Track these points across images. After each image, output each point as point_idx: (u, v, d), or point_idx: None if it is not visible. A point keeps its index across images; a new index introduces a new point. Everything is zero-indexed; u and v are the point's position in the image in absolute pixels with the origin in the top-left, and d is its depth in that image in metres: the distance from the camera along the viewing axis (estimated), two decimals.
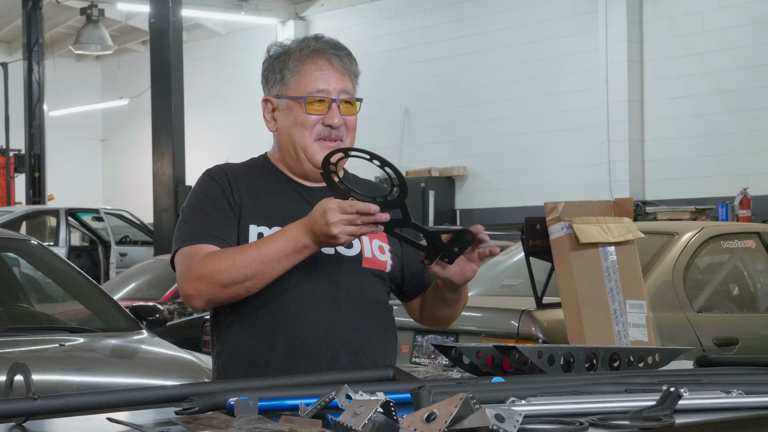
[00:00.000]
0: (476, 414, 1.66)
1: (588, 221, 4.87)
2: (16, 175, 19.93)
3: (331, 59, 2.66)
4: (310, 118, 2.65)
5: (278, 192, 2.69)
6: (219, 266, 2.51)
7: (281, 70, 2.67)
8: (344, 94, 2.67)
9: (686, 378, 2.16)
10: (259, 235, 2.60)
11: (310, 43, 2.67)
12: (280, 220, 2.61)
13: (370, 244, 2.69)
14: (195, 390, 2.09)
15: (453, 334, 5.89)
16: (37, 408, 1.96)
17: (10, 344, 4.67)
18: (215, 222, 2.62)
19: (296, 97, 2.64)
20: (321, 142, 2.65)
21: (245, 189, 2.67)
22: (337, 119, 2.65)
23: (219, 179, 2.68)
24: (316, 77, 2.65)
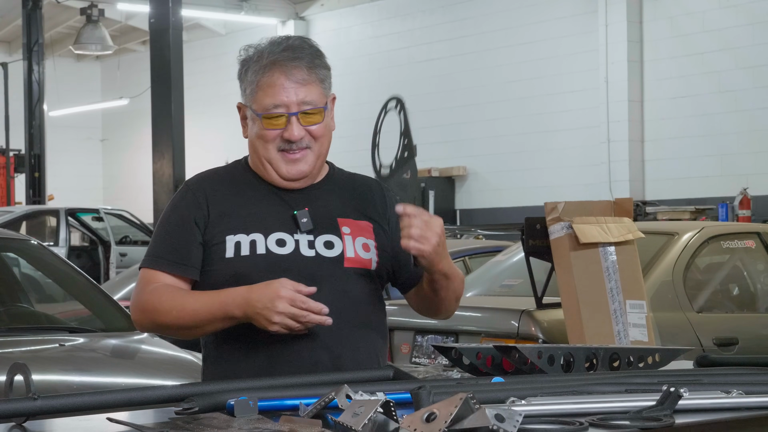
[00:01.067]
0: (476, 414, 1.66)
1: (588, 221, 4.87)
2: (16, 175, 19.93)
3: (288, 71, 2.59)
4: (269, 133, 2.61)
5: (257, 197, 2.67)
6: (159, 308, 2.57)
7: (243, 80, 2.66)
8: (304, 105, 2.60)
9: (686, 378, 2.16)
10: (236, 244, 2.59)
11: (267, 53, 2.62)
12: (259, 227, 2.61)
13: (353, 243, 2.65)
14: (195, 390, 2.09)
15: (453, 334, 5.89)
16: (37, 408, 1.96)
17: (10, 344, 4.67)
18: (177, 245, 2.63)
19: (255, 112, 2.62)
20: (283, 155, 2.62)
21: (224, 199, 2.66)
22: (296, 133, 2.60)
23: (195, 194, 2.67)
24: (272, 92, 2.59)
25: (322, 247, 2.62)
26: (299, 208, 2.64)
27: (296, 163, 2.63)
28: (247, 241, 2.60)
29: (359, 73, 19.58)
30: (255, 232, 2.61)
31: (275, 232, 2.62)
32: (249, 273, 2.57)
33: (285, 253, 2.60)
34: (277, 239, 2.61)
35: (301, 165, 2.63)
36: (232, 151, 2.85)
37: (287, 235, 2.62)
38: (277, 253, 2.59)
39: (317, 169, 2.68)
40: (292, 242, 2.61)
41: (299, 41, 2.66)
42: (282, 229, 2.62)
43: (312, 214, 2.64)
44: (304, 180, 2.66)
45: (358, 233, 2.66)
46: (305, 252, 2.60)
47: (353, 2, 19.87)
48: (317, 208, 2.66)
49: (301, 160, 2.63)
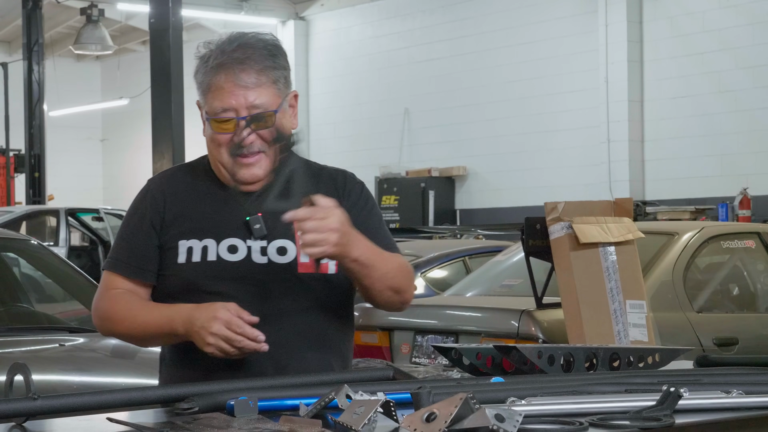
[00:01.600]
0: (476, 414, 1.66)
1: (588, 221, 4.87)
2: (16, 175, 19.92)
3: (235, 75, 2.50)
4: (219, 137, 2.53)
5: (213, 200, 2.61)
6: (114, 316, 2.56)
7: (195, 79, 2.58)
8: (254, 109, 2.51)
9: (686, 378, 2.16)
10: (188, 250, 2.55)
11: (217, 54, 2.53)
12: (212, 233, 2.56)
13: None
14: (195, 390, 2.09)
15: (453, 334, 5.89)
16: (37, 408, 1.96)
17: (10, 344, 4.67)
18: (135, 248, 2.60)
19: (205, 116, 2.55)
20: (237, 159, 2.53)
21: (181, 200, 2.62)
22: (245, 138, 2.51)
23: (154, 194, 2.64)
24: (220, 96, 2.51)
25: (275, 254, 2.54)
26: (254, 212, 2.56)
27: (250, 167, 2.54)
28: (199, 246, 2.55)
29: (359, 73, 19.58)
30: (208, 237, 2.55)
31: (227, 237, 2.55)
32: (198, 280, 2.53)
33: (236, 260, 2.53)
34: (229, 245, 2.54)
35: (255, 169, 2.54)
36: None
37: (240, 242, 2.55)
38: (227, 260, 2.53)
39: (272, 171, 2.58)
40: (245, 249, 2.54)
41: (254, 39, 2.56)
42: (235, 234, 2.55)
43: (267, 218, 2.55)
44: (260, 182, 2.57)
45: None
46: (257, 259, 2.53)
47: (353, 2, 19.87)
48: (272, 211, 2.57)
49: (255, 164, 2.54)
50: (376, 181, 18.56)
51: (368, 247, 2.48)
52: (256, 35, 2.58)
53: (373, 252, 2.50)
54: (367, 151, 19.09)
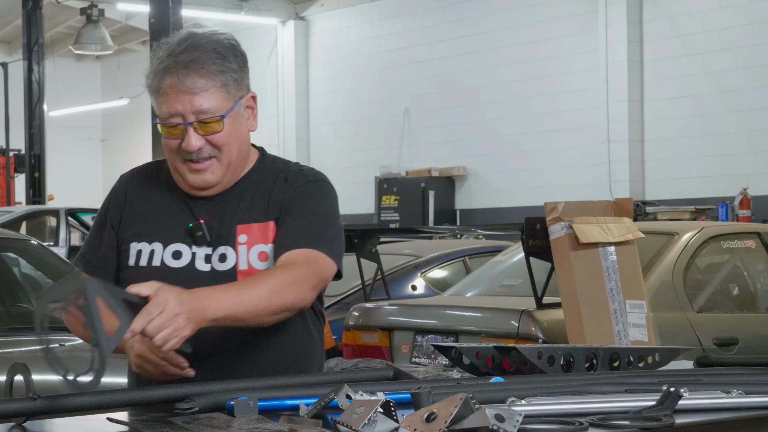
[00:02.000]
0: (476, 414, 1.66)
1: (588, 221, 4.87)
2: (16, 175, 19.91)
3: (181, 80, 2.42)
4: (170, 142, 2.48)
5: (166, 203, 2.57)
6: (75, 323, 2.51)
7: (146, 82, 2.50)
8: (201, 114, 2.43)
9: (686, 378, 2.16)
10: (138, 253, 2.53)
11: (164, 57, 2.46)
12: (161, 236, 2.54)
13: (247, 254, 2.50)
14: (195, 390, 2.09)
15: (453, 334, 5.89)
16: (37, 408, 1.96)
17: (10, 344, 4.67)
18: (96, 247, 2.61)
19: (155, 121, 2.49)
20: (189, 165, 2.48)
21: (140, 200, 2.59)
22: (192, 143, 2.44)
23: (117, 192, 2.62)
24: (167, 100, 2.44)
25: (217, 261, 2.50)
26: (204, 217, 2.52)
27: (201, 173, 2.48)
28: (148, 250, 2.53)
29: (359, 73, 19.58)
30: (156, 241, 2.53)
31: (174, 242, 2.52)
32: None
33: (179, 266, 2.51)
34: (174, 251, 2.52)
35: (207, 175, 2.49)
36: None
37: (185, 247, 2.52)
38: (170, 266, 2.51)
39: (228, 177, 2.52)
40: (189, 255, 2.51)
41: (205, 41, 2.48)
42: (181, 240, 2.52)
43: (213, 224, 2.51)
44: (214, 188, 2.52)
45: (257, 240, 2.50)
46: (200, 266, 2.50)
47: (353, 2, 19.86)
48: (221, 216, 2.52)
49: (206, 170, 2.48)
50: (376, 181, 18.55)
51: (222, 298, 2.28)
52: (210, 35, 2.50)
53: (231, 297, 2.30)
54: (367, 151, 19.09)
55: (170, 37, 2.52)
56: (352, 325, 6.33)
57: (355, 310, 6.43)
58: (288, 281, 2.38)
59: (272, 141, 20.53)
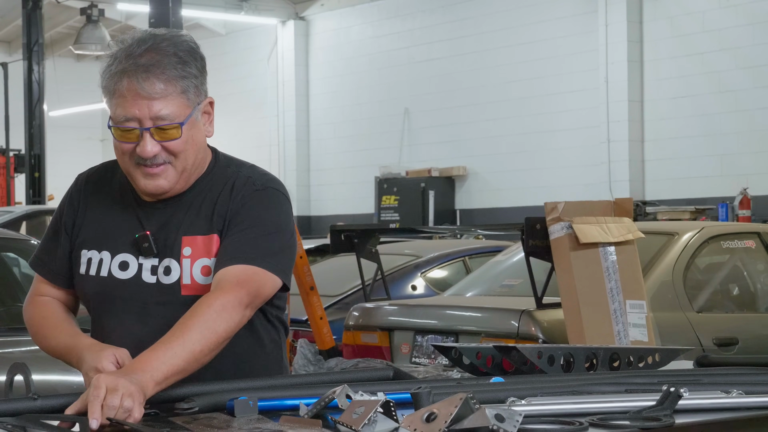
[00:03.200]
0: (476, 414, 1.66)
1: (588, 221, 4.87)
2: (16, 175, 19.91)
3: (139, 84, 2.34)
4: (123, 146, 2.39)
5: (123, 208, 2.50)
6: (31, 328, 2.51)
7: (100, 81, 2.42)
8: (159, 120, 2.35)
9: (686, 378, 2.16)
10: (88, 261, 2.48)
11: (122, 58, 2.37)
12: (109, 245, 2.47)
13: (191, 267, 2.42)
14: (195, 390, 2.09)
15: (453, 334, 5.89)
16: (37, 408, 1.96)
17: (10, 344, 4.67)
18: (48, 248, 2.56)
19: (108, 124, 2.40)
20: (142, 169, 2.39)
21: (94, 204, 2.53)
22: (148, 149, 2.35)
23: (72, 195, 2.57)
24: (123, 104, 2.36)
25: (163, 274, 2.43)
26: (151, 227, 2.44)
27: (155, 178, 2.40)
28: (97, 259, 2.48)
29: (359, 73, 19.57)
30: (105, 249, 2.48)
31: (122, 252, 2.46)
32: (92, 295, 2.48)
33: (125, 278, 2.45)
34: (121, 262, 2.46)
35: (161, 181, 2.40)
36: (232, 151, 2.78)
37: (132, 258, 2.45)
38: (117, 277, 2.45)
39: (182, 183, 2.44)
40: (135, 266, 2.45)
41: (166, 44, 2.39)
42: (128, 250, 2.46)
43: (160, 235, 2.44)
44: (167, 194, 2.45)
45: (201, 254, 2.42)
46: (146, 278, 2.43)
47: (353, 2, 19.86)
48: (168, 226, 2.45)
49: (160, 175, 2.40)
50: (376, 181, 18.55)
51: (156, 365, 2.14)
52: (171, 38, 2.42)
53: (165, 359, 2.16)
54: (367, 151, 19.08)
55: (127, 35, 2.43)
56: (352, 325, 6.33)
57: (355, 310, 6.43)
58: (216, 312, 2.26)
59: (272, 141, 20.53)
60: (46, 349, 2.49)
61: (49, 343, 2.46)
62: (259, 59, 20.91)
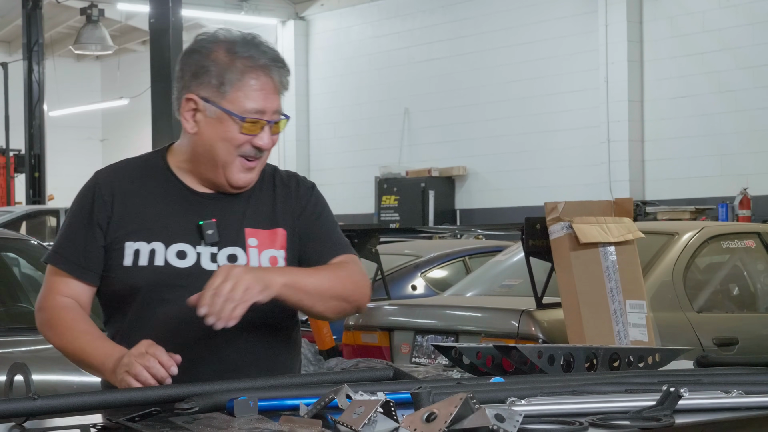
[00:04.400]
0: (476, 414, 1.66)
1: (588, 221, 4.87)
2: (16, 175, 19.91)
3: (272, 75, 2.47)
4: (241, 137, 2.46)
5: (166, 201, 2.52)
6: (50, 332, 2.51)
7: (220, 76, 2.45)
8: (277, 115, 2.48)
9: (686, 378, 2.16)
10: (135, 252, 2.47)
11: (256, 54, 2.46)
12: (161, 235, 2.48)
13: (258, 256, 2.50)
14: (195, 390, 2.09)
15: (453, 334, 5.89)
16: (37, 408, 1.96)
17: (10, 344, 4.67)
18: (78, 245, 2.53)
19: (232, 113, 2.44)
20: (242, 161, 2.47)
21: (129, 197, 2.52)
22: (266, 141, 2.48)
23: (101, 190, 2.54)
24: (256, 96, 2.45)
25: (225, 261, 2.47)
26: (208, 217, 2.49)
27: (251, 171, 2.50)
28: (147, 249, 2.48)
29: (359, 73, 19.58)
30: (156, 240, 2.48)
31: (177, 242, 2.48)
32: (144, 285, 2.47)
33: (184, 266, 2.47)
34: (178, 251, 2.48)
35: (253, 174, 2.51)
36: None
37: (189, 247, 2.48)
38: (175, 266, 2.47)
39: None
40: (194, 255, 2.47)
41: (270, 45, 2.53)
42: (185, 239, 2.48)
43: (220, 225, 2.49)
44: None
45: (267, 245, 2.51)
46: (206, 266, 2.46)
47: (353, 2, 19.87)
48: (227, 217, 2.51)
49: (254, 169, 2.50)
50: (376, 181, 18.55)
51: (288, 271, 2.45)
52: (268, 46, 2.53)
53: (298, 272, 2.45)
54: (367, 151, 19.09)
55: (218, 31, 2.50)
56: (352, 325, 6.33)
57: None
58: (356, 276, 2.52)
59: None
60: (69, 351, 2.49)
61: (76, 345, 2.46)
62: None
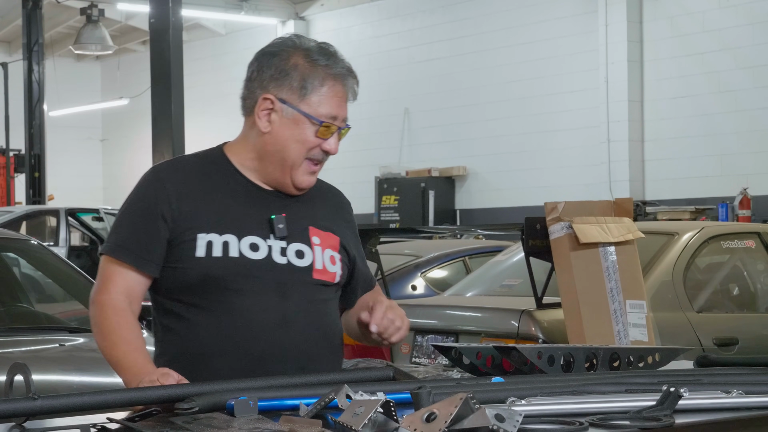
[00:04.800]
0: (476, 414, 1.66)
1: (588, 221, 4.87)
2: (16, 175, 19.91)
3: (347, 86, 2.65)
4: (314, 140, 2.59)
5: (234, 195, 2.61)
6: (93, 330, 2.55)
7: (302, 80, 2.59)
8: (344, 122, 2.64)
9: (686, 378, 2.16)
10: (208, 244, 2.54)
11: (334, 63, 2.65)
12: (233, 228, 2.56)
13: (321, 254, 2.63)
14: (195, 390, 2.09)
15: (453, 334, 5.89)
16: (37, 408, 1.96)
17: (10, 344, 4.67)
18: (140, 237, 2.57)
19: (310, 116, 2.57)
20: (309, 163, 2.61)
21: (195, 192, 2.59)
22: (333, 146, 2.62)
23: (164, 184, 2.59)
24: (335, 104, 2.61)
25: (294, 256, 2.59)
26: (275, 211, 2.60)
27: (313, 175, 2.64)
28: (219, 241, 2.54)
29: (359, 73, 19.20)
30: (228, 232, 2.56)
31: (249, 235, 2.57)
32: (220, 276, 2.53)
33: (258, 258, 2.56)
34: (251, 243, 2.56)
35: (315, 178, 2.66)
36: None
37: (260, 240, 2.57)
38: (249, 257, 2.55)
39: None
40: (265, 247, 2.57)
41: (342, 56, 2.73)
42: (256, 232, 2.58)
43: (287, 221, 2.60)
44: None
45: (327, 245, 2.65)
46: (277, 259, 2.57)
47: (353, 2, 19.87)
48: (293, 214, 2.62)
49: (317, 172, 2.65)
50: (376, 181, 18.55)
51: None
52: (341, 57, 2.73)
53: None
54: (367, 151, 19.08)
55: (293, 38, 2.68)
56: None
57: None
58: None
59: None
60: (105, 353, 2.52)
61: (114, 352, 2.49)
62: None
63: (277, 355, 2.53)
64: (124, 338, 2.50)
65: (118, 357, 2.49)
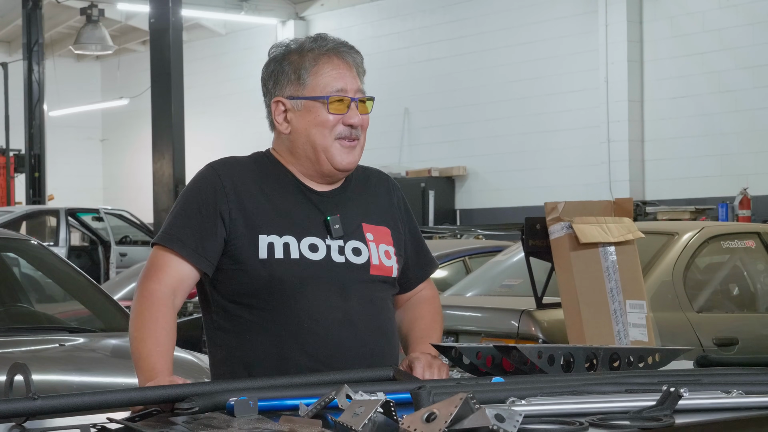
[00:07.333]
0: (476, 414, 1.66)
1: (588, 221, 4.86)
2: (16, 175, 19.92)
3: (345, 58, 2.64)
4: (331, 118, 2.60)
5: (288, 195, 2.63)
6: (132, 316, 2.52)
7: (296, 71, 2.61)
8: (359, 93, 2.63)
9: (686, 378, 2.15)
10: (269, 246, 2.55)
11: (322, 43, 2.64)
12: (291, 229, 2.57)
13: (377, 250, 2.65)
14: (195, 390, 2.09)
15: (453, 334, 5.89)
16: (37, 408, 1.96)
17: (10, 344, 4.67)
18: (196, 231, 2.55)
19: (316, 98, 2.59)
20: (341, 142, 2.61)
21: (253, 193, 2.60)
22: (356, 118, 2.61)
23: (222, 180, 2.59)
24: (335, 76, 2.61)
25: (351, 254, 2.61)
26: (329, 211, 2.62)
27: (351, 152, 2.63)
28: (280, 243, 2.55)
29: None
30: (288, 234, 2.57)
31: (308, 236, 2.58)
32: (283, 277, 2.53)
33: (317, 258, 2.57)
34: (310, 244, 2.58)
35: (355, 155, 2.64)
36: (232, 152, 2.81)
37: (319, 240, 2.59)
38: (309, 258, 2.56)
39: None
40: (324, 248, 2.59)
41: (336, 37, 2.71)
42: (314, 233, 2.59)
43: (341, 220, 2.63)
44: (335, 183, 2.67)
45: (381, 240, 2.67)
46: (336, 258, 2.59)
47: (353, 2, 19.87)
48: (344, 212, 2.64)
49: (354, 149, 2.64)
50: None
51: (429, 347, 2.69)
52: (335, 37, 2.71)
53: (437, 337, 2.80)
54: (367, 151, 18.85)
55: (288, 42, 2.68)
56: None
57: None
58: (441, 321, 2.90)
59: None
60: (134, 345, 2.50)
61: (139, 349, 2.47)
62: (259, 59, 20.76)
63: (342, 354, 2.54)
64: (155, 337, 2.47)
65: (141, 354, 2.46)
